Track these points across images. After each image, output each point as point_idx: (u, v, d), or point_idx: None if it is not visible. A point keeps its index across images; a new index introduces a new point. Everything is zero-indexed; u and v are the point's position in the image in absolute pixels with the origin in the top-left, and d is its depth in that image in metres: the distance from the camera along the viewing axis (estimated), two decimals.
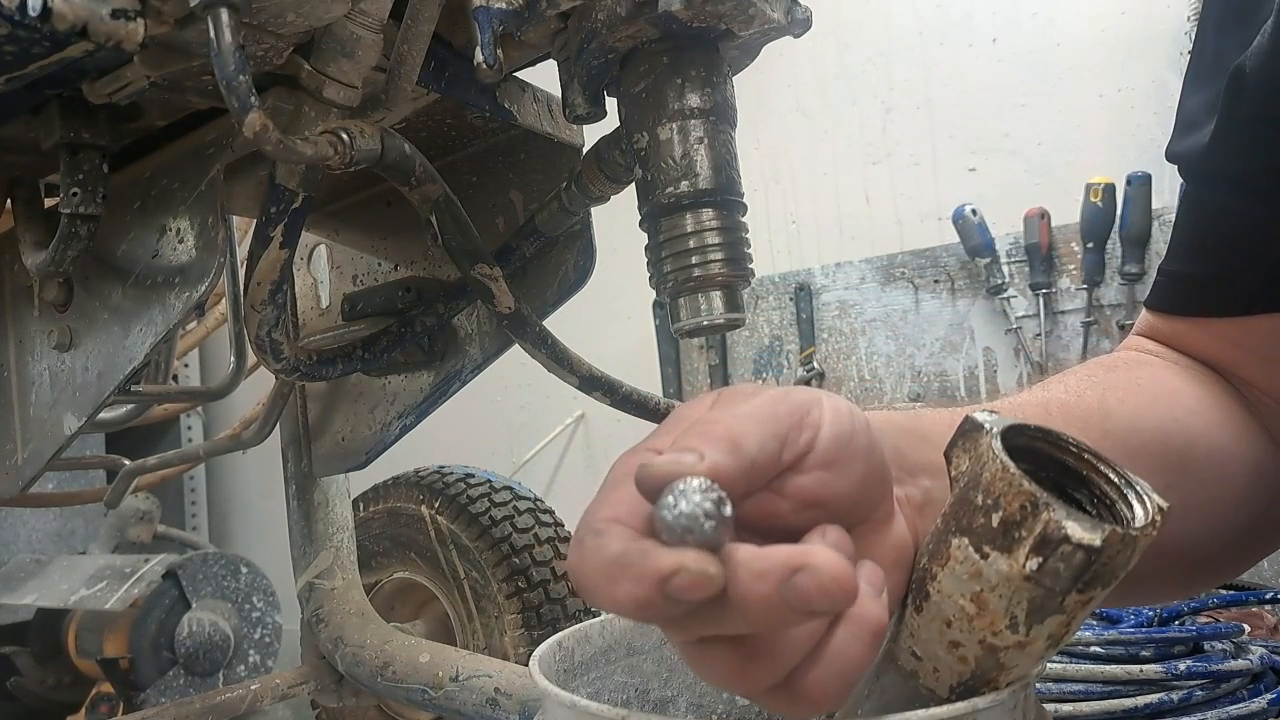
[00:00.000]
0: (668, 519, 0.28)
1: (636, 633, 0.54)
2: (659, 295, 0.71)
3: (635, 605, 0.29)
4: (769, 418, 0.33)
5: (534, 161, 0.96)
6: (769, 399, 0.34)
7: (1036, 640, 0.33)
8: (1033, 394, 0.51)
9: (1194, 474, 0.51)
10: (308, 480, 1.19)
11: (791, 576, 0.28)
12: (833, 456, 0.34)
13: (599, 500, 0.32)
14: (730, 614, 0.29)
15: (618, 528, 0.30)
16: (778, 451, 0.33)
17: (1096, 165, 1.67)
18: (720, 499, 0.29)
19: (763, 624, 0.30)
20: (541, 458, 2.30)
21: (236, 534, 2.94)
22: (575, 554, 0.31)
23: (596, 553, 0.29)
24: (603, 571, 0.29)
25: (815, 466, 0.34)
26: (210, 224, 0.70)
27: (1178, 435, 0.51)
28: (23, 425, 0.82)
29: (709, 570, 0.28)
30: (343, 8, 0.61)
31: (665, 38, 0.66)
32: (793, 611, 0.29)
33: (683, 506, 0.28)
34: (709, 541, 0.28)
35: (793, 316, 1.93)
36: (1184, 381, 0.56)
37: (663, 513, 0.29)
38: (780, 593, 0.28)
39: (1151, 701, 0.95)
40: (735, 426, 0.32)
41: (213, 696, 1.13)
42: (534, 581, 1.24)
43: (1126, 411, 0.50)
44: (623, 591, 0.28)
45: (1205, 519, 0.52)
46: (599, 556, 0.29)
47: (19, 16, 0.52)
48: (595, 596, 0.30)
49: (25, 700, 1.84)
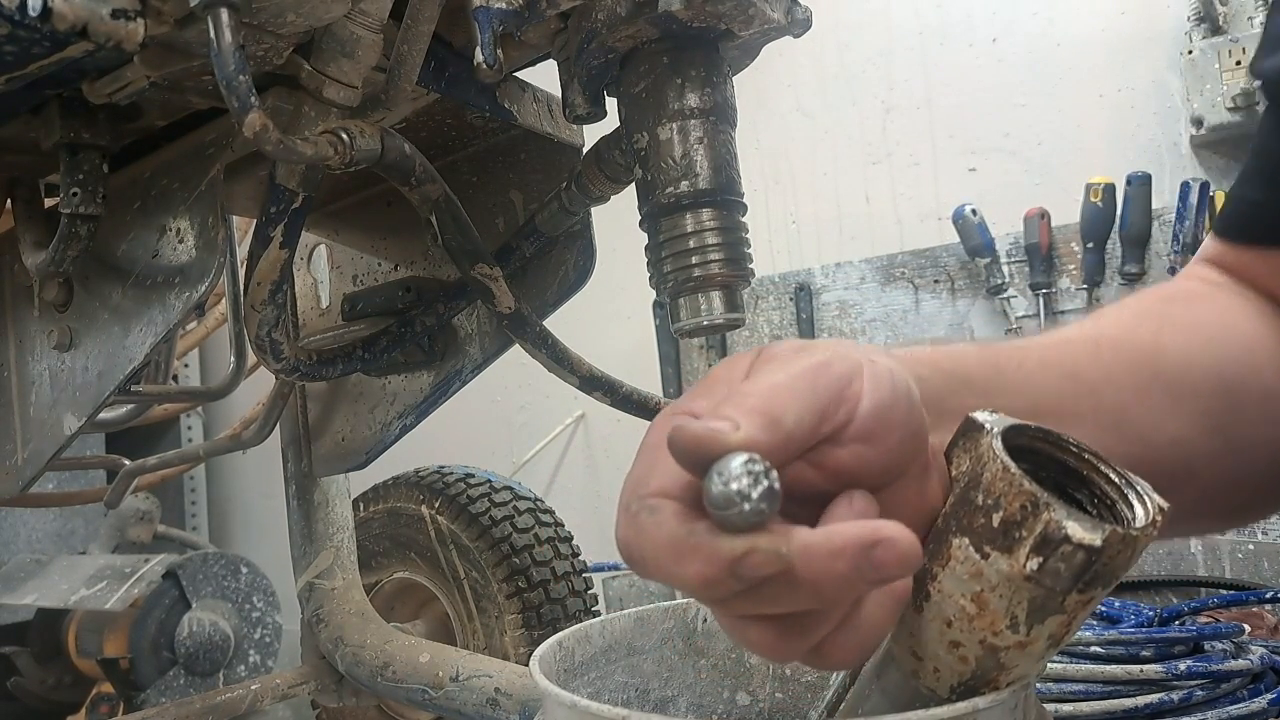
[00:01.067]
0: (718, 496, 0.29)
1: (637, 633, 0.54)
2: (659, 295, 0.71)
3: (704, 583, 0.29)
4: (808, 390, 0.32)
5: (534, 161, 0.96)
6: (810, 369, 0.33)
7: (1037, 640, 0.33)
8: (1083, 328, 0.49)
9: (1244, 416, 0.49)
10: (308, 480, 1.19)
11: (870, 551, 0.29)
12: (870, 430, 0.33)
13: (642, 468, 0.32)
14: (796, 592, 0.30)
15: (670, 504, 0.30)
16: (815, 425, 0.32)
17: (1096, 165, 1.67)
18: (767, 472, 0.29)
19: (834, 598, 0.31)
20: (541, 458, 2.30)
21: (236, 534, 2.94)
22: (630, 529, 0.31)
23: (657, 529, 0.30)
24: (668, 550, 0.30)
25: (852, 440, 0.33)
26: (210, 224, 0.70)
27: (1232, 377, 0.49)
28: (23, 425, 0.82)
29: (780, 549, 0.29)
30: (343, 8, 0.61)
31: (665, 38, 0.66)
32: (867, 584, 0.30)
33: (733, 484, 0.29)
34: (759, 517, 0.29)
35: (793, 316, 1.93)
36: (1244, 317, 0.53)
37: (713, 490, 0.29)
38: (857, 568, 0.29)
39: (1151, 701, 0.95)
40: (774, 399, 0.32)
41: (213, 696, 1.13)
42: (534, 581, 1.24)
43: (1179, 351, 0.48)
44: (693, 570, 0.29)
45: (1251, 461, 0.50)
46: (660, 533, 0.30)
47: (19, 16, 0.52)
48: (657, 573, 0.30)
49: (25, 700, 1.84)
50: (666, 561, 0.30)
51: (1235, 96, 1.49)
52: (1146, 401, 0.45)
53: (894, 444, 0.34)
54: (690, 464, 0.30)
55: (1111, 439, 0.43)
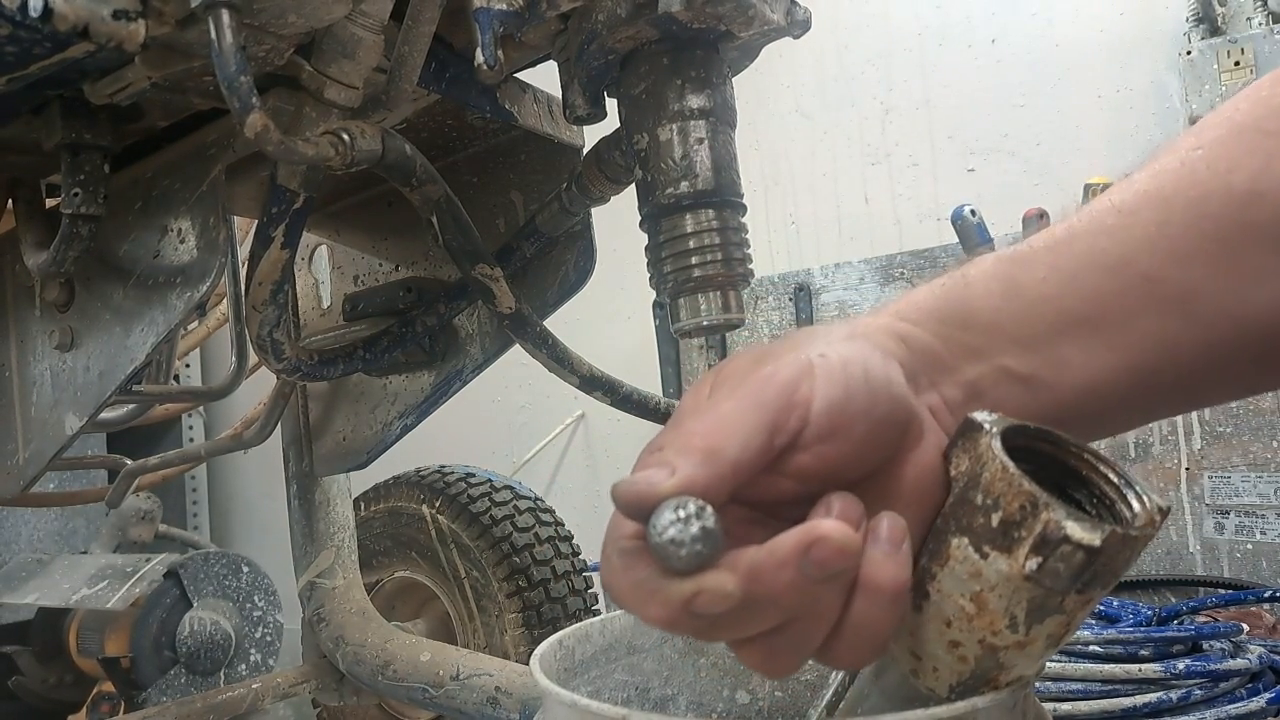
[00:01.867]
0: (656, 547, 0.30)
1: (637, 632, 0.54)
2: (659, 295, 0.71)
3: (667, 624, 0.31)
4: (753, 409, 0.33)
5: (534, 162, 0.96)
6: (755, 385, 0.34)
7: (1036, 640, 0.33)
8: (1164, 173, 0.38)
9: None
10: (309, 480, 1.19)
11: (808, 553, 0.30)
12: (828, 428, 0.33)
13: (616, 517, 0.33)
14: (762, 610, 0.31)
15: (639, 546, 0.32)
16: (766, 443, 0.33)
17: (1095, 166, 1.67)
18: (699, 513, 0.30)
19: (798, 606, 0.31)
20: (542, 457, 2.30)
21: (238, 533, 2.94)
22: (606, 570, 0.33)
23: (624, 573, 0.32)
24: (632, 594, 0.32)
25: (812, 442, 0.33)
26: (211, 224, 0.70)
27: None
28: (24, 425, 0.82)
29: (726, 587, 0.30)
30: (344, 9, 0.61)
31: (665, 39, 0.66)
32: (818, 584, 0.31)
33: (665, 534, 0.30)
34: (699, 559, 0.30)
35: (792, 317, 1.93)
36: None
37: (651, 542, 0.31)
38: (802, 572, 0.30)
39: (1150, 700, 0.96)
40: (713, 431, 0.32)
41: (214, 695, 1.13)
42: (534, 580, 1.24)
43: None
44: (654, 614, 0.31)
45: None
46: (627, 578, 0.32)
47: (20, 17, 0.52)
48: (631, 612, 0.32)
49: (27, 699, 1.84)
50: (633, 604, 0.32)
51: None
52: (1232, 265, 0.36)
53: (859, 436, 0.34)
54: (636, 518, 0.32)
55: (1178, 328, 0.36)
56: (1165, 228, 0.37)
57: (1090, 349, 0.37)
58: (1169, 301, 0.37)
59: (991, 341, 0.37)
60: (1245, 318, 0.36)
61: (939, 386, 0.37)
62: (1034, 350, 0.37)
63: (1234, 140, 0.37)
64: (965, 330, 0.38)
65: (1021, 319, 0.38)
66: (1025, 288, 0.38)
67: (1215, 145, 0.38)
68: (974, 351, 0.38)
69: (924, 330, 0.38)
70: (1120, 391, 0.37)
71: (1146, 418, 0.40)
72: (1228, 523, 1.44)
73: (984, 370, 0.37)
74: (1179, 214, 0.37)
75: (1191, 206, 0.37)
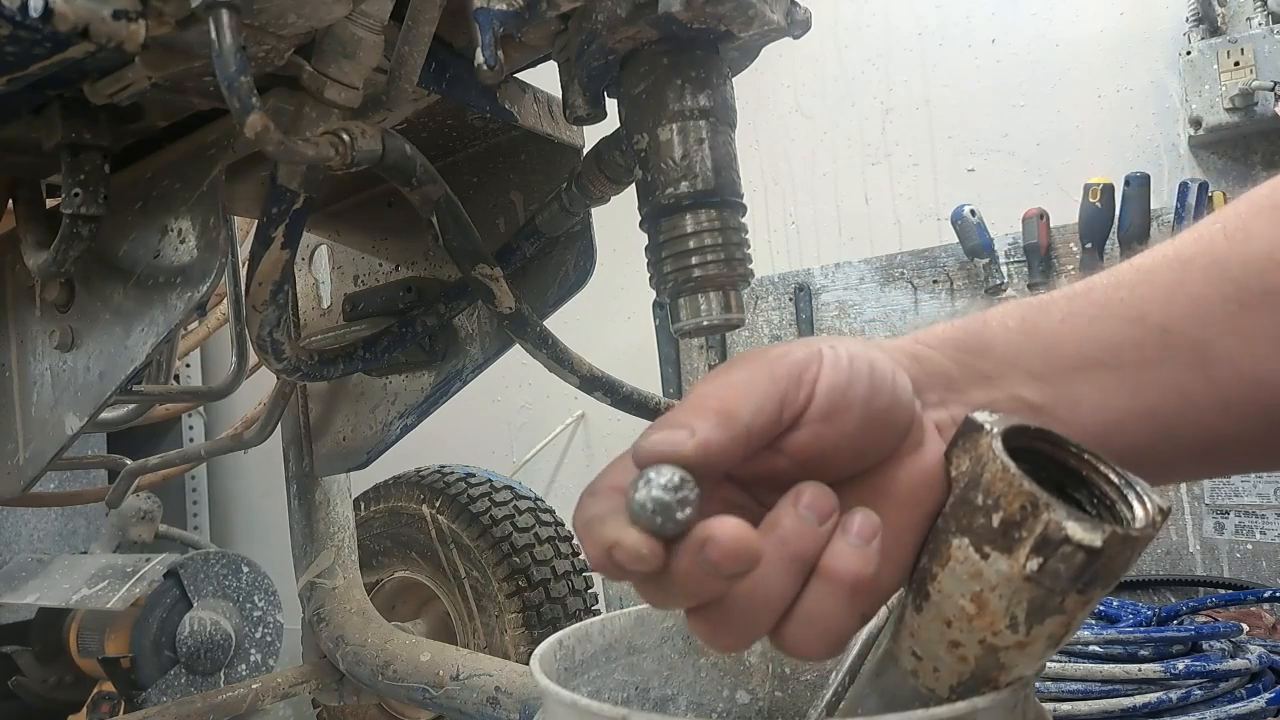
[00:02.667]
0: (630, 504, 0.32)
1: (637, 631, 0.54)
2: (659, 295, 0.71)
3: (595, 565, 0.33)
4: (766, 380, 0.34)
5: (534, 162, 0.96)
6: (769, 361, 0.35)
7: (1036, 640, 0.33)
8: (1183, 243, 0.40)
9: None
10: (309, 480, 1.19)
11: (703, 549, 0.31)
12: (827, 410, 0.34)
13: (610, 465, 0.35)
14: (668, 587, 0.32)
15: (608, 493, 0.34)
16: (776, 413, 0.34)
17: (1095, 166, 1.67)
18: (678, 485, 0.31)
19: (696, 593, 0.32)
20: (542, 457, 2.30)
21: (238, 533, 2.94)
22: (576, 508, 0.35)
23: (581, 510, 0.34)
24: (581, 529, 0.33)
25: (811, 421, 0.34)
26: (212, 224, 0.70)
27: None
28: (24, 425, 0.82)
29: (641, 550, 0.31)
30: (344, 9, 0.61)
31: (665, 39, 0.66)
32: (716, 579, 0.32)
33: (641, 495, 0.31)
34: (662, 527, 0.31)
35: (792, 317, 1.93)
36: None
37: (627, 497, 0.32)
38: (699, 565, 0.31)
39: (1150, 700, 0.96)
40: (729, 396, 0.33)
41: (214, 695, 1.13)
42: (534, 581, 1.24)
43: None
44: (588, 551, 0.33)
45: None
46: (581, 515, 0.34)
47: (20, 17, 0.52)
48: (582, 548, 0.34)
49: (27, 699, 1.84)
50: (581, 538, 0.34)
51: (1234, 97, 1.49)
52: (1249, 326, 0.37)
53: (854, 423, 0.34)
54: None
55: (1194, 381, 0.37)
56: (1184, 285, 0.38)
57: (1106, 389, 0.38)
58: (1186, 353, 0.37)
59: (1007, 371, 0.38)
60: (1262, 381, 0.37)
61: (948, 405, 0.38)
62: (1049, 384, 0.38)
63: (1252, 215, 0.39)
64: (981, 359, 0.39)
65: (1038, 355, 0.39)
66: (1043, 328, 0.39)
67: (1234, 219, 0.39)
68: (988, 378, 0.38)
69: (940, 354, 0.39)
70: (1136, 437, 0.38)
71: (1165, 472, 0.40)
72: (1228, 523, 1.44)
73: (997, 396, 0.38)
74: (1198, 273, 0.38)
75: (1211, 268, 0.38)
